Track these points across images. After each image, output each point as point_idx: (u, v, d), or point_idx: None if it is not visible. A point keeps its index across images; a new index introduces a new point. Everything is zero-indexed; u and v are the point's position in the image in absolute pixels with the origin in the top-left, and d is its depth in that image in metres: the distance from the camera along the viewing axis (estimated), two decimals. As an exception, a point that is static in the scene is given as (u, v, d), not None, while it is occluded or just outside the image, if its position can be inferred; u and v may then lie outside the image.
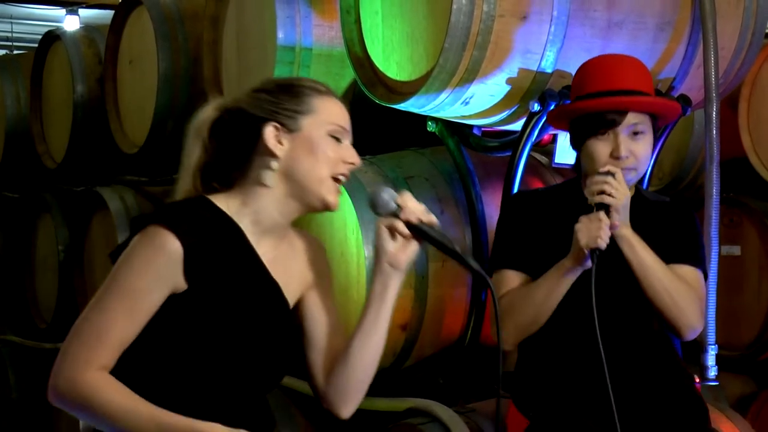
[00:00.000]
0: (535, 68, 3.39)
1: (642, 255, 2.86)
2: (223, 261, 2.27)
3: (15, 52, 9.66)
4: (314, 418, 4.21)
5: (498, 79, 3.39)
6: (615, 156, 2.88)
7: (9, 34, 12.76)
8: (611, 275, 2.88)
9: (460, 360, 3.83)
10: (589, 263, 2.79)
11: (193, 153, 2.36)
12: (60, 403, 2.20)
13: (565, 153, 3.52)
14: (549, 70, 3.40)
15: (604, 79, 2.95)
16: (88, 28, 6.45)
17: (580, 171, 3.04)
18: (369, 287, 2.40)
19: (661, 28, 3.50)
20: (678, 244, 3.00)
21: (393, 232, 2.29)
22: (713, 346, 3.41)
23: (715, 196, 3.43)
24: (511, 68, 3.37)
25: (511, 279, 3.00)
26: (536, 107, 3.37)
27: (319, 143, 2.30)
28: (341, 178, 2.33)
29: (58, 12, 11.30)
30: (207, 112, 2.38)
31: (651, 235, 2.91)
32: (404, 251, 2.30)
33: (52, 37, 6.23)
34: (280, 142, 2.30)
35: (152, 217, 2.25)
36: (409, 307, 3.71)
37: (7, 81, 6.76)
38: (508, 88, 3.42)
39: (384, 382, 3.81)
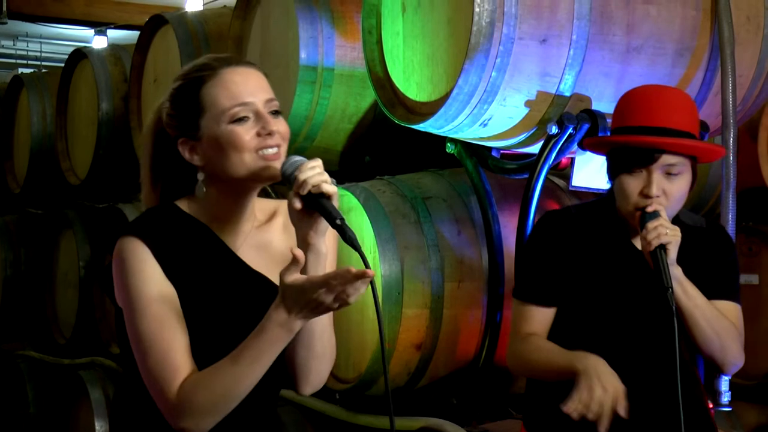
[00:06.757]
0: (553, 91, 3.41)
1: (693, 296, 2.79)
2: (197, 262, 2.25)
3: (43, 71, 9.72)
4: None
5: (516, 101, 3.41)
6: (645, 194, 2.79)
7: (38, 54, 12.85)
8: (639, 303, 2.87)
9: (474, 380, 3.84)
10: None
11: (144, 162, 2.37)
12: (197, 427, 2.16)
13: (582, 176, 3.54)
14: (567, 94, 3.41)
15: (643, 113, 2.83)
16: (114, 47, 6.52)
17: (614, 198, 2.93)
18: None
19: (680, 54, 3.51)
20: (718, 279, 2.92)
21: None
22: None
23: (731, 223, 3.43)
24: (530, 91, 3.39)
25: (536, 317, 2.92)
26: (554, 130, 3.38)
27: (226, 138, 2.21)
28: (269, 150, 2.22)
29: (87, 32, 11.37)
30: (148, 128, 2.37)
31: (691, 266, 2.82)
32: (313, 228, 2.13)
33: (79, 55, 6.30)
34: (195, 153, 2.27)
35: (116, 234, 2.25)
36: (423, 327, 3.73)
37: (34, 98, 6.84)
38: (526, 110, 3.44)
39: (398, 401, 3.84)
